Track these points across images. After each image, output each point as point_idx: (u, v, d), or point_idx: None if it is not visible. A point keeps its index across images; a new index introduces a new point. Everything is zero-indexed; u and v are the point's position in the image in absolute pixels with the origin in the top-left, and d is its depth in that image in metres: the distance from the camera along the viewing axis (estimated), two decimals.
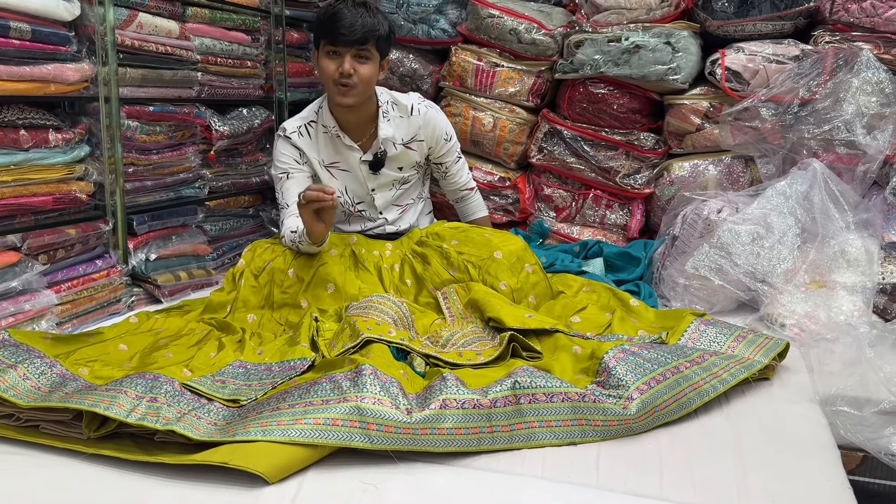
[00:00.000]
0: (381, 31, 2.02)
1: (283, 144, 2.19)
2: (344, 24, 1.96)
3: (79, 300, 1.99)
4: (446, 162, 2.32)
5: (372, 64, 2.05)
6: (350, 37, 1.97)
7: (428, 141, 2.24)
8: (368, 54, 2.03)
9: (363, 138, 2.19)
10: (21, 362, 1.43)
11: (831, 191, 2.07)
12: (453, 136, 2.31)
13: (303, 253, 2.02)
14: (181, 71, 2.30)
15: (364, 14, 1.99)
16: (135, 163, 2.19)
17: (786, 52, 2.32)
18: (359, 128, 2.17)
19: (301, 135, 2.19)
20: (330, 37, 2.00)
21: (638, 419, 1.35)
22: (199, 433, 1.24)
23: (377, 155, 2.18)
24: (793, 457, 1.30)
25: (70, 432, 1.30)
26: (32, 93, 1.84)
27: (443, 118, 2.28)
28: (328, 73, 2.04)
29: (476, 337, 1.71)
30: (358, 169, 2.20)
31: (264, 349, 1.68)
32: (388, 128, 2.17)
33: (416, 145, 2.23)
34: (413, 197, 2.33)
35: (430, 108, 2.25)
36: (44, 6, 1.84)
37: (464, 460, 1.27)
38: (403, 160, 2.23)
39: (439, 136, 2.25)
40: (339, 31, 1.97)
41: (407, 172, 2.25)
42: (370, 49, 2.03)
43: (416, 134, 2.21)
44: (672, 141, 2.53)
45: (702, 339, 1.67)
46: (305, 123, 2.20)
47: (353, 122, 2.16)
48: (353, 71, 2.01)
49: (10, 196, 1.83)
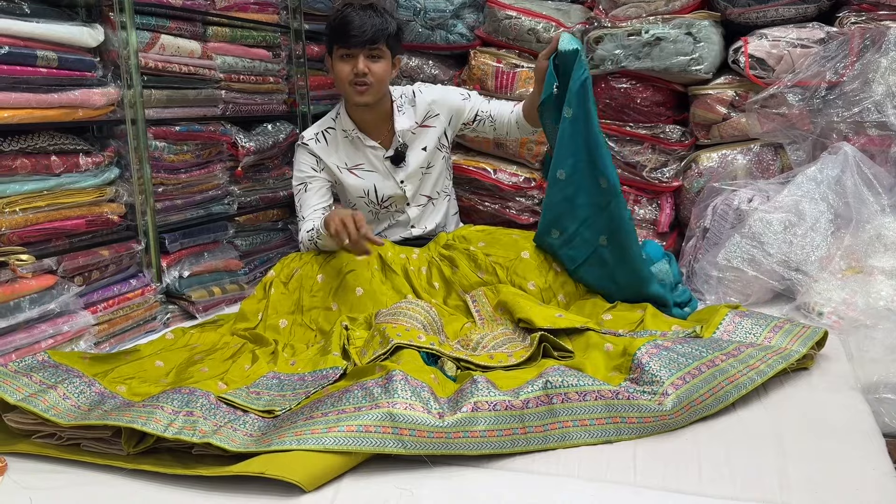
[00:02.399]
0: (390, 29, 2.10)
1: (301, 153, 2.26)
2: (354, 27, 2.04)
3: (115, 319, 2.03)
4: (483, 111, 2.29)
5: (384, 62, 2.12)
6: (361, 37, 2.05)
7: (445, 112, 2.27)
8: (380, 53, 2.10)
9: (382, 136, 2.25)
10: (61, 382, 1.46)
11: (864, 174, 2.02)
12: (472, 93, 2.33)
13: (323, 252, 2.08)
14: (205, 90, 2.33)
15: (372, 15, 2.06)
16: (164, 182, 2.22)
17: (810, 36, 2.28)
18: (376, 126, 2.24)
19: (318, 141, 2.24)
20: (342, 40, 2.08)
21: (674, 415, 1.33)
22: (235, 445, 1.25)
23: (398, 149, 2.23)
24: (835, 447, 1.27)
25: (110, 449, 1.32)
26: (61, 119, 1.89)
27: (449, 87, 2.34)
28: (343, 76, 2.11)
29: (507, 339, 1.71)
30: (383, 166, 2.25)
31: (297, 360, 1.69)
32: (404, 120, 2.23)
33: (432, 120, 2.26)
34: (439, 189, 2.34)
35: (428, 87, 2.30)
36: (69, 34, 1.88)
37: (499, 462, 1.27)
38: (424, 140, 2.26)
39: (455, 99, 2.28)
40: (349, 33, 2.05)
41: (430, 153, 2.27)
42: (381, 47, 2.10)
43: (428, 111, 2.25)
44: (698, 132, 2.50)
45: (737, 331, 1.64)
46: (323, 130, 2.26)
47: (371, 122, 2.22)
48: (368, 70, 2.08)
49: (45, 220, 1.87)
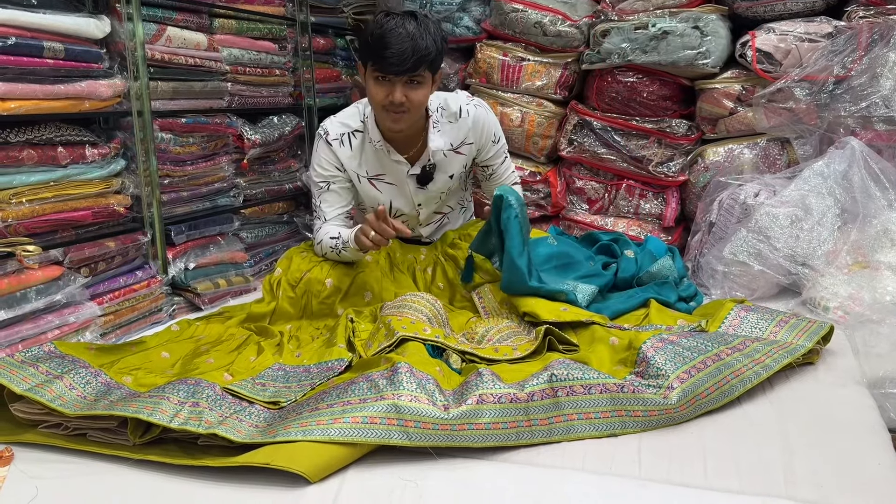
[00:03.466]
0: (432, 53, 1.82)
1: (324, 149, 2.03)
2: (393, 53, 1.77)
3: (121, 311, 2.04)
4: (493, 164, 2.16)
5: (425, 88, 1.88)
6: (400, 67, 1.79)
7: (477, 143, 2.09)
8: (421, 79, 1.85)
9: (411, 151, 2.04)
10: (67, 373, 1.47)
11: (871, 169, 2.01)
12: (502, 138, 2.16)
13: (341, 261, 1.99)
14: (211, 82, 2.33)
15: (414, 35, 1.78)
16: (170, 174, 2.23)
17: (818, 30, 2.27)
18: (407, 141, 2.02)
19: (343, 144, 2.02)
20: (378, 64, 1.82)
21: (679, 408, 1.33)
22: (240, 435, 1.26)
23: (426, 168, 2.05)
24: (841, 441, 1.27)
25: (116, 439, 1.33)
26: (68, 110, 1.89)
27: (492, 119, 2.12)
28: (378, 100, 1.87)
29: (512, 332, 1.71)
30: (405, 183, 2.07)
31: (302, 351, 1.70)
32: (439, 139, 2.03)
33: (464, 149, 2.08)
34: (452, 204, 2.23)
35: (478, 108, 2.08)
36: (76, 25, 1.89)
37: (504, 454, 1.27)
38: (453, 167, 2.09)
39: (487, 139, 2.10)
40: (387, 59, 1.78)
41: (455, 180, 2.12)
42: (422, 74, 1.84)
43: (465, 137, 2.06)
44: (705, 126, 2.49)
45: (743, 325, 1.64)
46: (350, 132, 2.03)
47: (401, 137, 2.00)
48: (405, 98, 1.85)
49: (51, 211, 1.87)
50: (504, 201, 1.80)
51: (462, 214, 2.31)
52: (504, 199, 1.80)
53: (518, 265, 1.77)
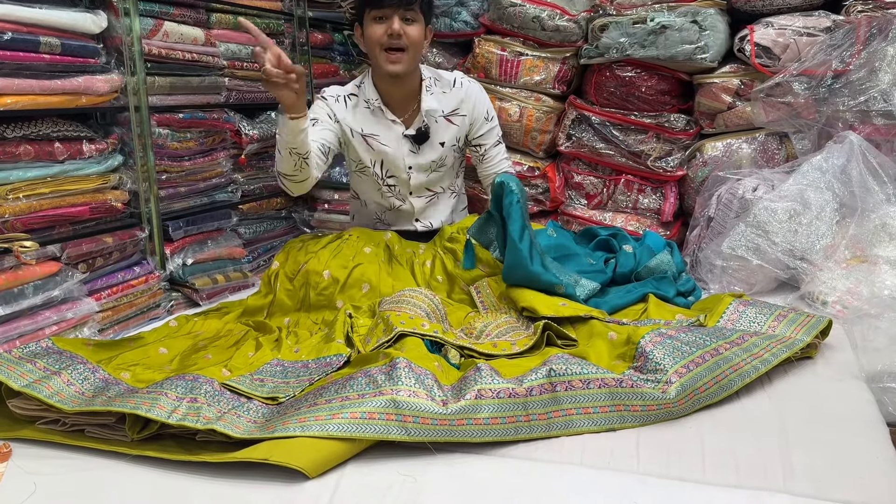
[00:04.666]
0: None
1: (319, 103, 2.17)
2: None
3: (119, 307, 2.03)
4: (485, 144, 2.27)
5: (419, 26, 2.04)
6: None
7: (469, 116, 2.21)
8: (414, 16, 2.03)
9: (406, 114, 2.17)
10: (65, 369, 1.46)
11: (869, 163, 2.01)
12: (494, 118, 2.28)
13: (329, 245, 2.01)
14: (208, 77, 2.32)
15: None
16: (167, 170, 2.22)
17: (816, 24, 2.26)
18: (402, 102, 2.16)
19: (338, 101, 2.17)
20: (375, 1, 1.99)
21: (678, 403, 1.33)
22: (239, 431, 1.26)
23: (420, 129, 2.16)
24: (839, 436, 1.27)
25: (114, 435, 1.32)
26: (65, 105, 1.88)
27: (485, 96, 2.26)
28: (376, 38, 2.02)
29: (510, 327, 1.71)
30: (398, 144, 2.17)
31: (301, 347, 1.70)
32: (432, 101, 2.15)
33: (457, 119, 2.20)
34: (444, 185, 2.29)
35: (472, 83, 2.23)
36: (72, 20, 1.88)
37: (502, 449, 1.27)
38: (445, 134, 2.20)
39: (480, 113, 2.22)
40: None
41: (446, 150, 2.21)
42: (416, 10, 2.02)
43: (458, 107, 2.19)
44: (703, 121, 2.49)
45: (741, 319, 1.64)
46: (346, 95, 2.18)
47: (397, 96, 2.14)
48: (403, 31, 2.00)
49: (48, 207, 1.87)
50: (505, 187, 1.82)
51: (454, 202, 2.33)
52: (505, 184, 1.83)
53: (520, 248, 1.77)
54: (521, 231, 1.79)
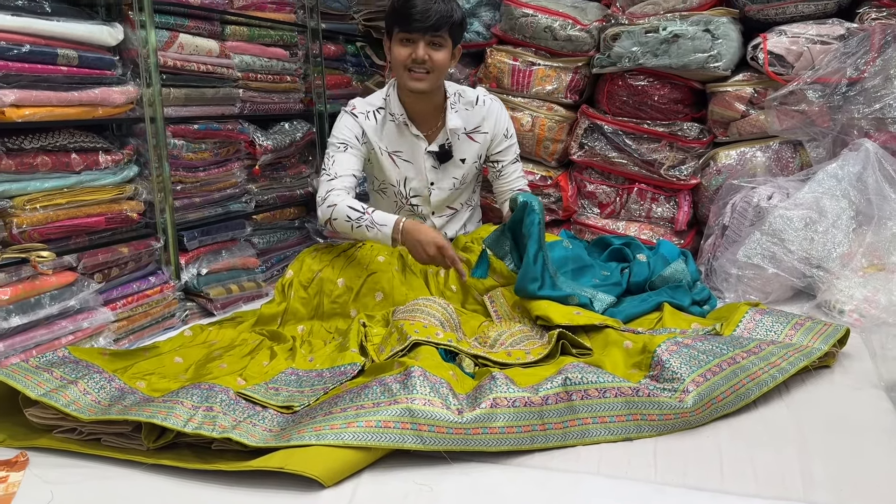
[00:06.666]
0: (455, 17, 2.00)
1: (348, 119, 2.12)
2: (417, 10, 1.94)
3: (134, 316, 2.04)
4: (503, 161, 2.25)
5: (445, 51, 2.03)
6: (424, 23, 1.95)
7: (490, 133, 2.20)
8: (442, 41, 2.01)
9: (429, 130, 2.16)
10: (81, 378, 1.47)
11: (886, 171, 2.00)
12: (514, 136, 2.27)
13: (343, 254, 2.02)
14: (223, 88, 2.34)
15: (438, 0, 1.97)
16: (182, 180, 2.24)
17: (830, 32, 2.25)
18: (426, 118, 2.15)
19: (368, 118, 2.14)
20: (403, 24, 1.98)
21: (695, 412, 1.32)
22: (254, 440, 1.26)
23: (443, 146, 2.15)
24: (859, 445, 1.26)
25: (130, 444, 1.33)
26: (81, 117, 1.90)
27: (506, 115, 2.26)
28: (401, 60, 2.02)
29: (524, 336, 1.70)
30: (422, 160, 2.16)
31: (315, 356, 1.70)
32: (457, 119, 2.14)
33: (479, 136, 2.19)
34: (463, 201, 2.29)
35: (495, 101, 2.23)
36: (89, 33, 1.90)
37: (518, 459, 1.26)
38: (467, 151, 2.19)
39: (500, 131, 2.21)
40: (412, 17, 1.95)
41: (468, 167, 2.20)
42: (444, 36, 2.01)
43: (480, 124, 2.18)
44: (717, 129, 2.48)
45: (757, 328, 1.63)
46: (374, 109, 2.15)
47: (421, 112, 2.13)
48: (427, 57, 1.99)
49: (65, 218, 1.89)
50: (528, 207, 1.86)
51: (469, 214, 2.33)
52: (529, 204, 1.87)
53: (533, 269, 1.80)
54: (536, 253, 1.82)
